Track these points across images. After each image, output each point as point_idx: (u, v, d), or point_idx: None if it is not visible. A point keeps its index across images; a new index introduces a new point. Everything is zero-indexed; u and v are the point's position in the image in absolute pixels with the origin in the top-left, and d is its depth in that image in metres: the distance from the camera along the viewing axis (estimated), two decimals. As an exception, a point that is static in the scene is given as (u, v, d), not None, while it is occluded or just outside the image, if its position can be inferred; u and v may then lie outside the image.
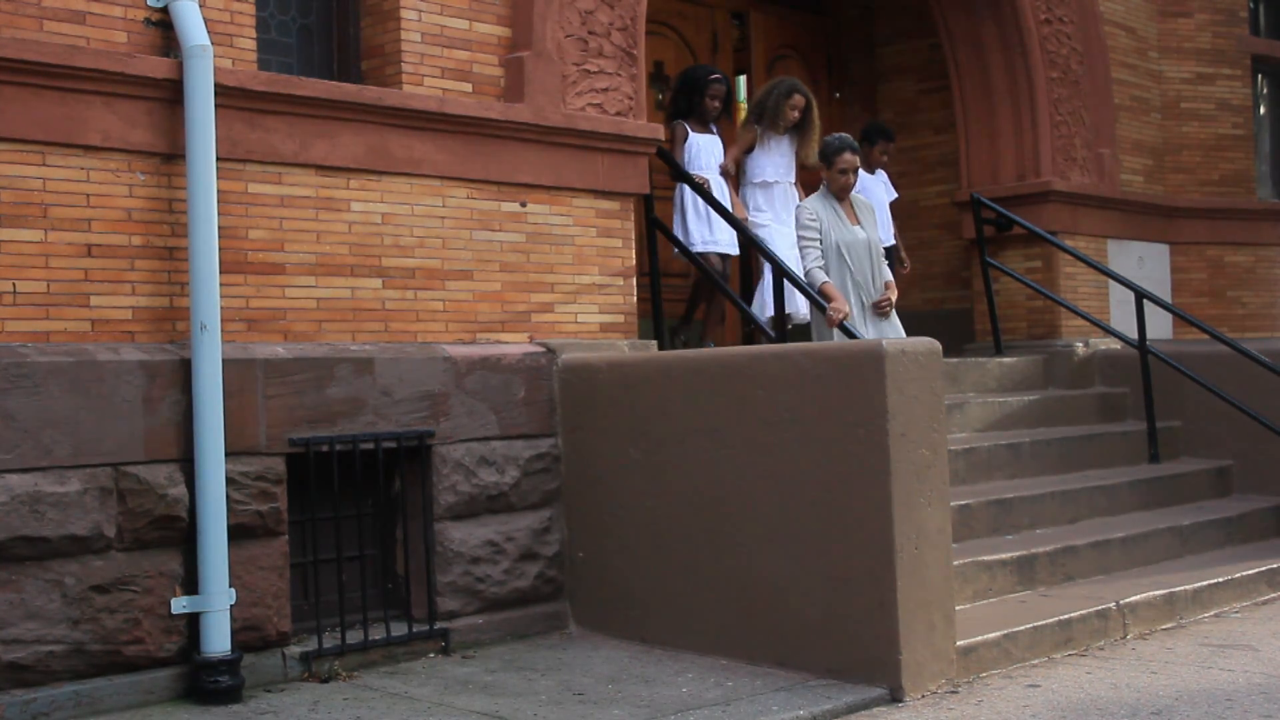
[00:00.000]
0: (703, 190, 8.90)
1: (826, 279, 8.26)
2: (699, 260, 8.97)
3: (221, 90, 6.38)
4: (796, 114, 9.51)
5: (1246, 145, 12.90)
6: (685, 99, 9.47)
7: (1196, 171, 12.63)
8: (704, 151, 9.37)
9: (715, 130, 9.51)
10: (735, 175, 9.59)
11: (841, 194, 8.34)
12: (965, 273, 11.53)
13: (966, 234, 11.30)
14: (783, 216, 9.45)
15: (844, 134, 8.54)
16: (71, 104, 6.09)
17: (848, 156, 8.28)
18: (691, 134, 9.40)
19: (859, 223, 8.39)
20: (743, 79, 11.54)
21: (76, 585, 5.87)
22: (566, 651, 7.08)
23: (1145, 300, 10.36)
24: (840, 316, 8.06)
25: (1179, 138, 12.60)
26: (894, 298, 8.28)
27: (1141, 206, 12.07)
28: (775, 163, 9.57)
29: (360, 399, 6.78)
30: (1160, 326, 11.58)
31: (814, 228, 8.26)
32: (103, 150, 6.20)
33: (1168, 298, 12.01)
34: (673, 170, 9.04)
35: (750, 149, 9.63)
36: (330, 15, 7.55)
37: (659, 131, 8.26)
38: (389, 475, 7.12)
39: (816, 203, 8.35)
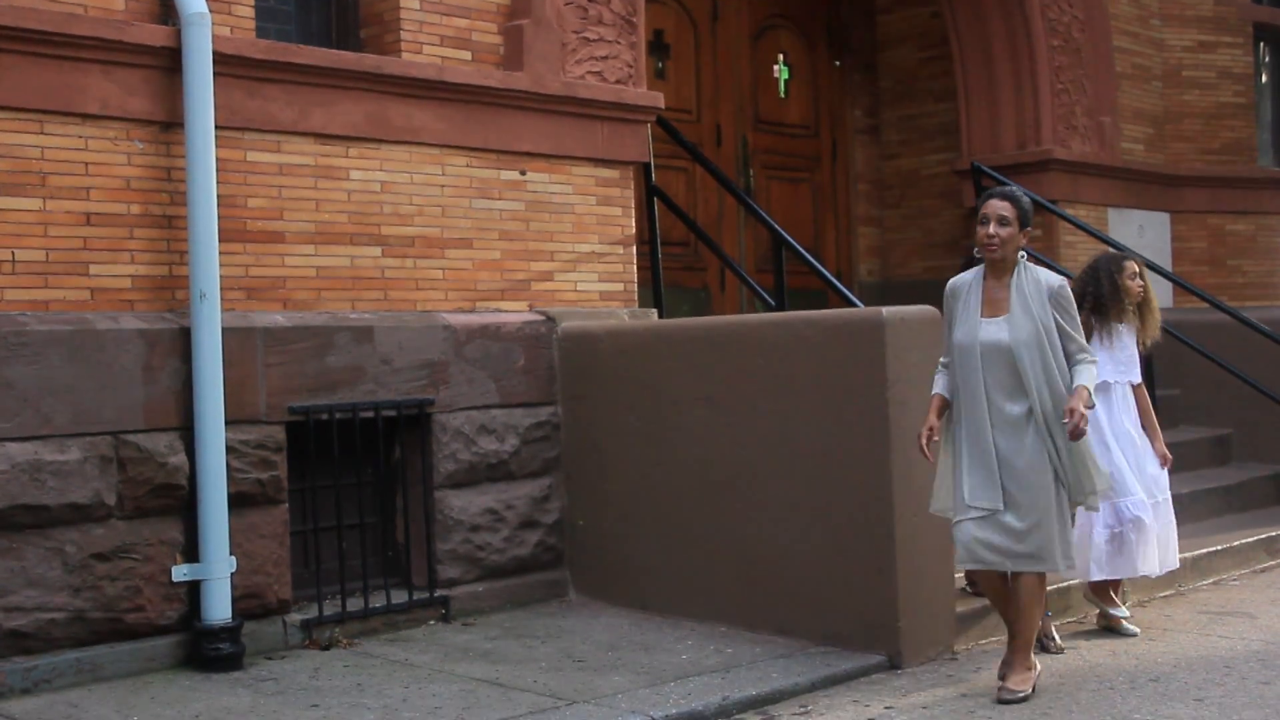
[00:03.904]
0: None
1: (937, 390, 5.98)
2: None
3: (219, 58, 6.35)
4: (1141, 289, 7.13)
5: (1248, 114, 12.86)
6: None
7: (1197, 140, 12.60)
8: None
9: None
10: None
11: (985, 254, 5.82)
12: (966, 241, 11.45)
13: (967, 203, 11.27)
14: (1125, 428, 6.98)
15: (1004, 187, 6.07)
16: (69, 72, 6.07)
17: (993, 203, 5.83)
18: None
19: (1007, 311, 5.77)
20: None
21: (77, 553, 5.89)
22: (566, 619, 7.10)
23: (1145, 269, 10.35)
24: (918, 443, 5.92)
25: (1180, 106, 12.56)
26: (1077, 419, 5.61)
27: (1142, 175, 12.04)
28: (1115, 358, 7.02)
29: (360, 367, 6.78)
30: (1160, 295, 11.47)
31: (946, 314, 6.02)
32: (101, 118, 6.18)
33: (1168, 266, 12.00)
34: None
35: None
36: (329, -18, 7.53)
37: (659, 100, 8.23)
38: (389, 443, 7.13)
39: (968, 276, 5.98)
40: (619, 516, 7.35)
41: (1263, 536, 8.61)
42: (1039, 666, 5.89)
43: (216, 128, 6.31)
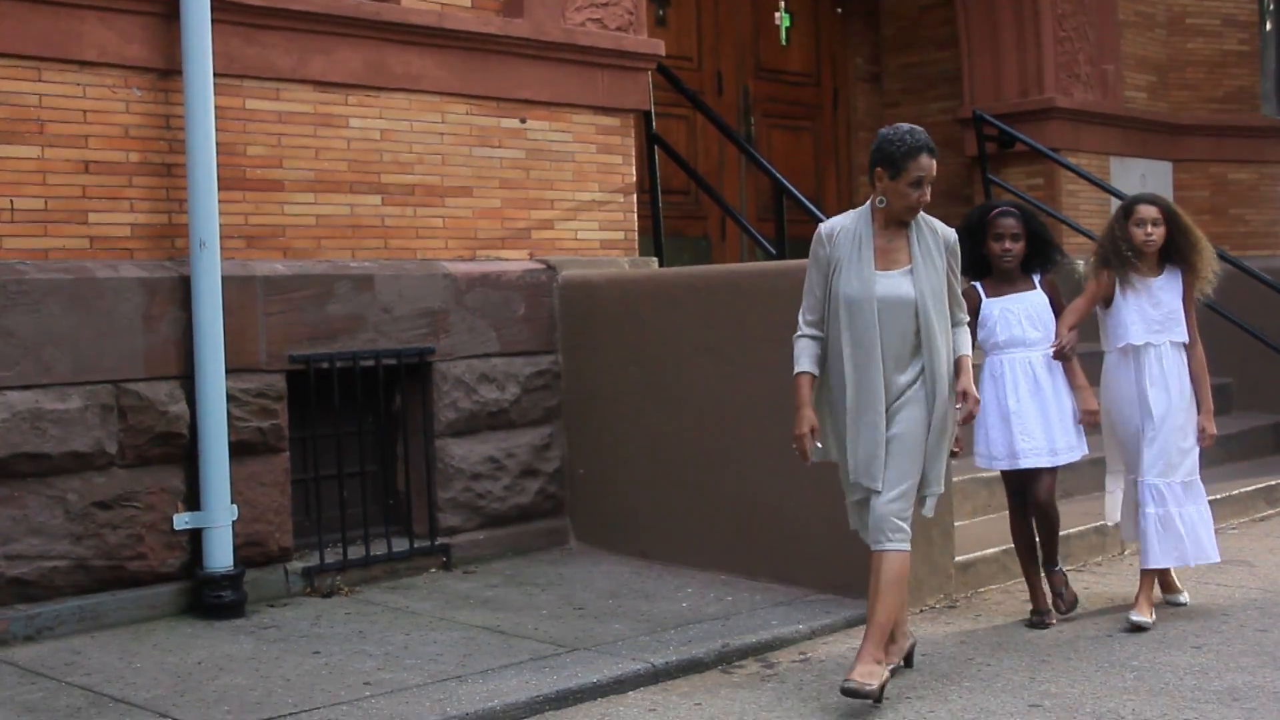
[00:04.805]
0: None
1: (805, 367, 5.24)
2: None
3: (217, 4, 6.30)
4: (1153, 236, 6.25)
5: (1252, 62, 12.79)
6: (967, 256, 5.92)
7: (1200, 88, 12.54)
8: (1006, 320, 6.24)
9: (1035, 280, 6.38)
10: (1071, 352, 6.25)
11: (904, 215, 5.22)
12: (967, 190, 11.46)
13: (969, 151, 11.24)
14: (1150, 395, 6.18)
15: (915, 126, 5.25)
16: (67, 18, 6.03)
17: (925, 161, 5.14)
18: (985, 298, 6.30)
19: (909, 262, 5.19)
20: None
21: (79, 502, 5.90)
22: (567, 567, 7.12)
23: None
24: (795, 443, 5.26)
25: (1183, 54, 12.49)
26: (971, 404, 5.21)
27: (1145, 123, 11.99)
28: (1145, 316, 6.23)
29: (360, 316, 6.77)
30: (1162, 244, 11.54)
31: (818, 263, 5.28)
32: (99, 66, 6.15)
33: (1170, 215, 11.95)
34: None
35: (1107, 301, 6.35)
36: (327, -72, 7.47)
37: (659, 47, 8.18)
38: (389, 392, 7.13)
39: (846, 222, 5.30)
40: (619, 465, 7.36)
41: (1262, 485, 8.63)
42: (888, 670, 5.13)
43: (215, 75, 6.27)
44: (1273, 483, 8.70)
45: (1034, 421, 6.14)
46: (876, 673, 4.98)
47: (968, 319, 5.36)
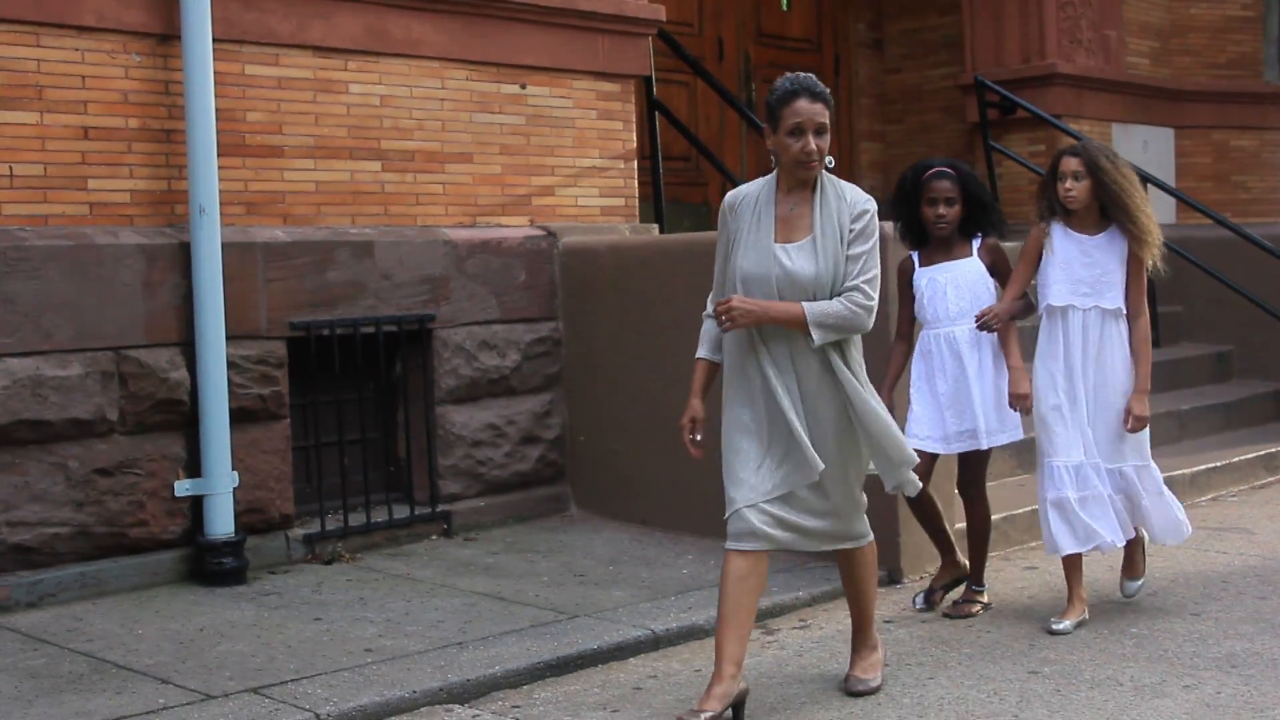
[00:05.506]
0: None
1: (702, 353, 4.87)
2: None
3: (216, -31, 6.29)
4: (1072, 190, 5.57)
5: (1255, 27, 12.74)
6: (904, 220, 5.87)
7: (1203, 54, 12.50)
8: (931, 292, 5.76)
9: (974, 248, 5.78)
10: (997, 322, 5.64)
11: (797, 173, 4.54)
12: (968, 156, 11.43)
13: (970, 117, 11.21)
14: (1079, 368, 5.64)
15: (807, 74, 4.58)
16: (65, -17, 6.02)
17: (803, 105, 4.49)
18: (919, 268, 5.83)
19: (809, 233, 4.54)
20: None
21: (80, 468, 5.90)
22: (568, 534, 7.13)
23: (1148, 184, 10.30)
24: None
25: (1186, 19, 12.45)
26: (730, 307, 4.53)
27: (1147, 90, 11.96)
28: (1073, 277, 5.63)
29: (361, 283, 6.76)
30: (1163, 211, 11.47)
31: (721, 237, 4.74)
32: (97, 31, 6.12)
33: (1171, 182, 11.94)
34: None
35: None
36: (326, -108, 7.42)
37: (660, 12, 8.15)
38: (390, 359, 7.13)
39: (752, 189, 4.70)
40: (620, 432, 7.36)
41: (1262, 453, 8.65)
42: (882, 648, 5.05)
43: (214, 40, 6.25)
44: (1272, 450, 8.71)
45: (962, 403, 5.71)
46: (877, 662, 4.93)
47: (861, 290, 4.52)
